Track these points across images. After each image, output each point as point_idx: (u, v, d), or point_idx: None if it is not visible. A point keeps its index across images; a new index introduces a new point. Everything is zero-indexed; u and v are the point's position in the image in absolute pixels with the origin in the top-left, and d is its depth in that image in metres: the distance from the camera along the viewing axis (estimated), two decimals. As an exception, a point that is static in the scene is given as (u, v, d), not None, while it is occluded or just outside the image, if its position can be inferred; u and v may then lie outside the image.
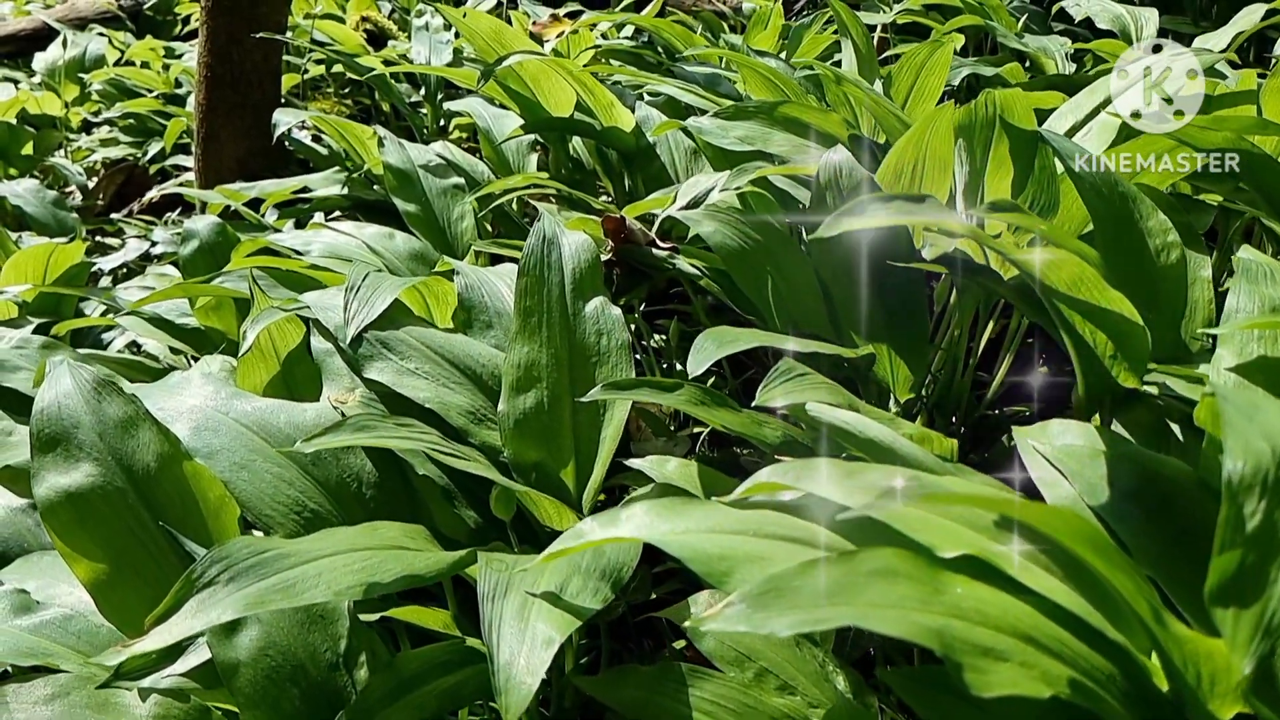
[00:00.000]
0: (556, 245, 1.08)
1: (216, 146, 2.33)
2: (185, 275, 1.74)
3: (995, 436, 1.42)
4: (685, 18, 2.91)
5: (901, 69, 1.59)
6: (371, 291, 1.11)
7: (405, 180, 1.62)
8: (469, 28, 1.70)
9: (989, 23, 2.18)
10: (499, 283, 1.23)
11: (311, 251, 1.54)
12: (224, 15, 2.25)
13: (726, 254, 1.04)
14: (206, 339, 1.75)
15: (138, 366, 1.77)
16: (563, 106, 1.77)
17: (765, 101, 1.30)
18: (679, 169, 1.70)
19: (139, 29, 5.01)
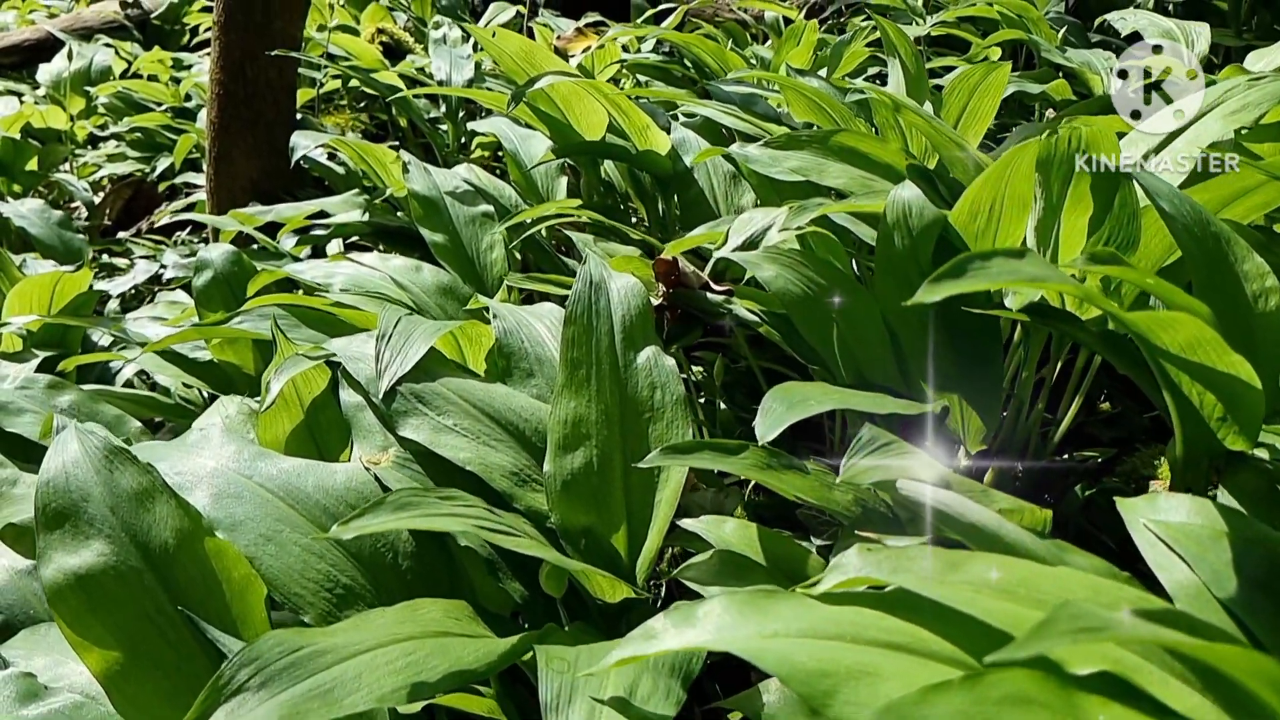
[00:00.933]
0: (605, 291, 1.01)
1: (229, 166, 2.28)
2: (199, 307, 1.69)
3: (1064, 483, 1.35)
4: (712, 30, 2.86)
5: (953, 90, 1.53)
6: (404, 340, 1.05)
7: (431, 209, 1.56)
8: (497, 48, 1.65)
9: (1032, 37, 2.12)
10: (538, 324, 1.16)
11: (334, 285, 1.49)
12: (237, 31, 2.20)
13: (789, 301, 0.97)
14: (221, 373, 1.70)
15: (148, 403, 1.72)
16: (594, 129, 1.71)
17: (819, 130, 1.23)
18: (718, 194, 1.64)
19: (146, 39, 4.99)
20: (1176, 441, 0.95)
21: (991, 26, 2.68)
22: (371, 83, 2.25)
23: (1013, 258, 0.74)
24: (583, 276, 1.01)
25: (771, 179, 1.35)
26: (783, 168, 1.20)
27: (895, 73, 1.59)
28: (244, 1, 2.19)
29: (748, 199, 1.63)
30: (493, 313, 1.13)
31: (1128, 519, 0.80)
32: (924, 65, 1.57)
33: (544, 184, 1.79)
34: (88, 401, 1.51)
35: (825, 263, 1.02)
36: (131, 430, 1.50)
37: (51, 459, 0.84)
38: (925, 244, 1.01)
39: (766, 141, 1.23)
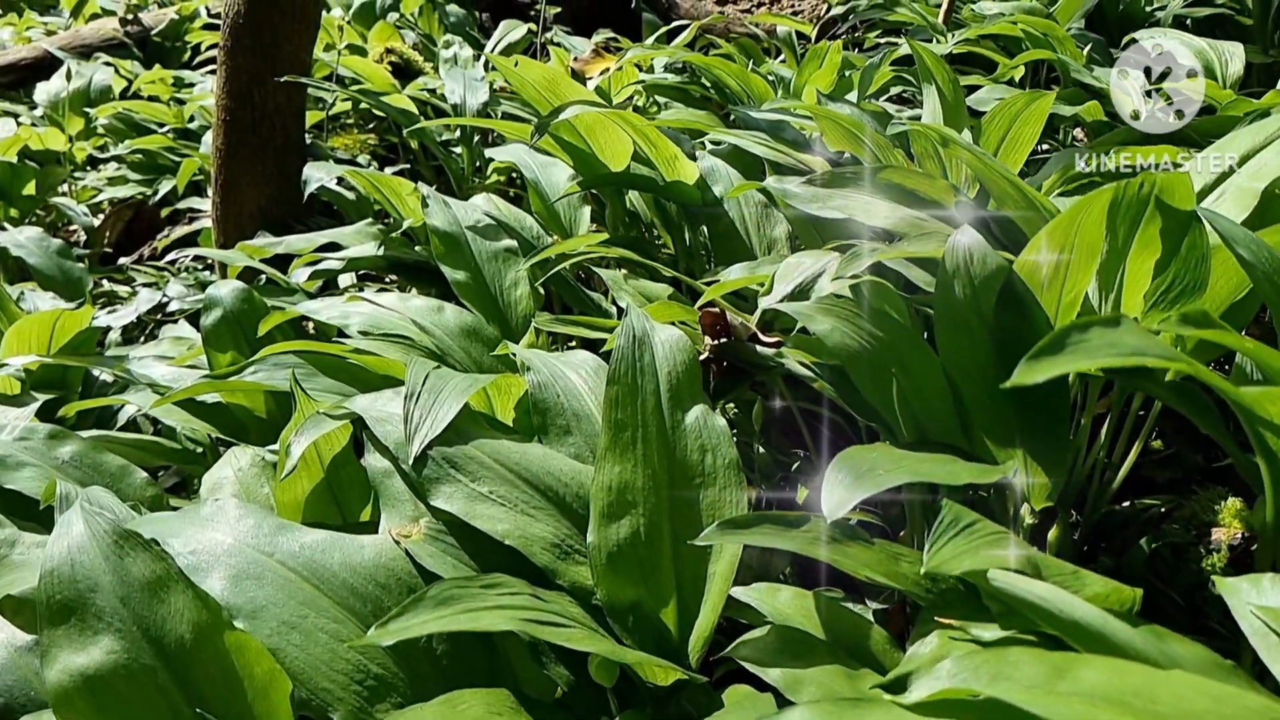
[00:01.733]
0: (648, 345, 0.96)
1: (236, 194, 2.23)
2: (208, 348, 1.64)
3: (1124, 532, 1.29)
4: (730, 49, 2.82)
5: (994, 118, 1.48)
6: (434, 399, 0.99)
7: (453, 245, 1.51)
8: (519, 77, 1.60)
9: (1060, 57, 2.07)
10: (572, 375, 1.11)
11: (351, 326, 1.43)
12: (245, 55, 2.16)
13: (848, 356, 0.92)
14: (230, 416, 1.64)
15: (154, 449, 1.67)
16: (619, 158, 1.67)
17: (864, 167, 1.18)
18: (750, 226, 1.59)
19: (147, 57, 4.96)
20: (1267, 507, 0.90)
21: (1014, 44, 2.64)
22: (384, 107, 2.21)
23: (1109, 327, 0.69)
24: (625, 330, 0.96)
25: (812, 216, 1.31)
26: (827, 206, 1.15)
27: (931, 99, 1.54)
28: (251, 24, 2.14)
29: (780, 230, 1.58)
30: (523, 362, 1.08)
31: (1232, 604, 0.74)
32: (961, 92, 1.52)
33: (566, 214, 1.74)
34: (90, 452, 1.45)
35: (882, 314, 0.97)
36: (137, 482, 1.45)
37: (55, 544, 0.79)
38: (988, 293, 0.95)
39: (809, 178, 1.18)
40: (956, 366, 0.97)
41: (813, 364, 1.00)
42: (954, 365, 0.97)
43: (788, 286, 1.02)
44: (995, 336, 0.96)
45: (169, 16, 5.11)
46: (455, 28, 3.79)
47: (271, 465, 1.34)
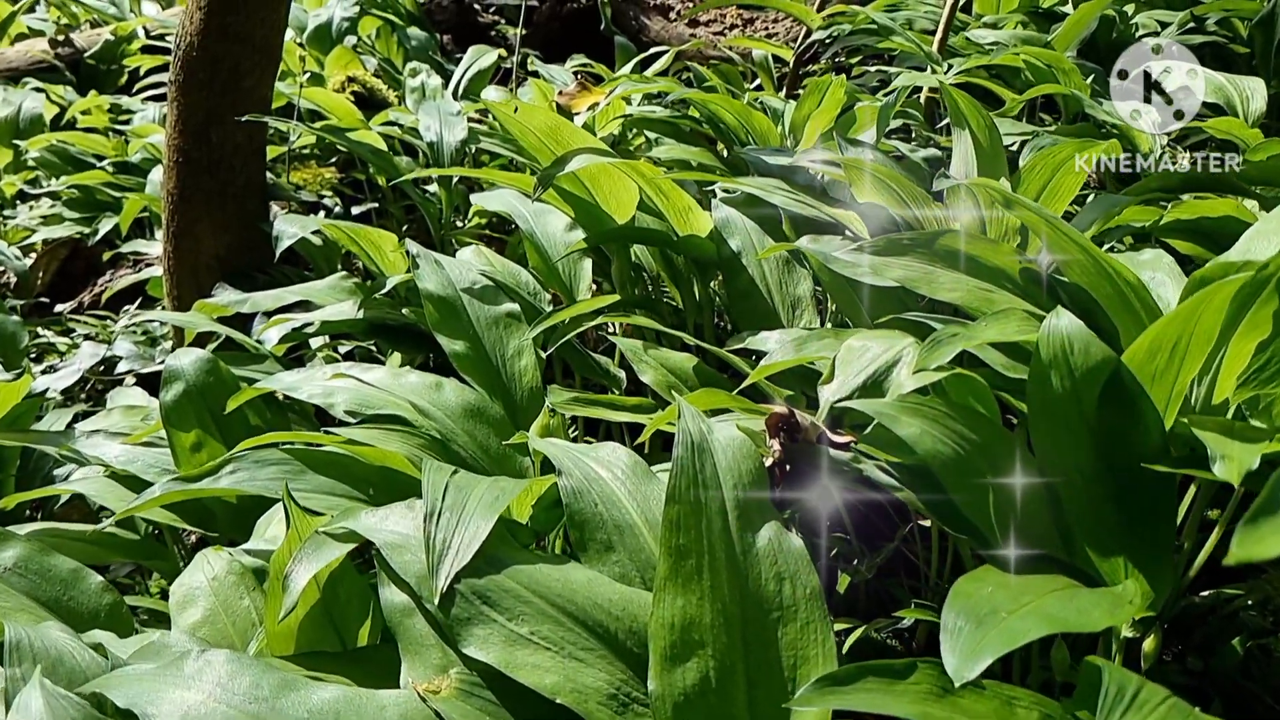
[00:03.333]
0: (709, 453, 0.85)
1: (191, 242, 2.08)
2: (170, 427, 1.48)
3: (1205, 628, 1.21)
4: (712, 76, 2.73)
5: (1035, 167, 1.41)
6: (457, 517, 0.87)
7: (448, 310, 1.39)
8: (520, 125, 1.49)
9: (1074, 92, 2.03)
10: (604, 473, 0.99)
11: (335, 407, 1.30)
12: (199, 91, 2.01)
13: (942, 465, 0.82)
14: (195, 502, 1.49)
15: (110, 543, 1.51)
16: (624, 208, 1.56)
17: (922, 233, 1.09)
18: (771, 283, 1.49)
19: (80, 81, 4.72)
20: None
21: (1010, 73, 2.61)
22: (353, 146, 2.07)
23: None
24: (681, 439, 0.85)
25: (849, 279, 1.21)
26: (885, 277, 1.06)
27: (963, 145, 1.47)
28: (207, 57, 2.00)
29: (804, 288, 1.49)
30: (543, 458, 0.96)
31: None
32: (999, 138, 1.45)
33: (566, 269, 1.62)
34: (37, 555, 1.29)
35: (970, 411, 0.87)
36: (92, 589, 1.29)
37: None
38: (1090, 387, 0.87)
39: (861, 246, 1.08)
40: (1055, 468, 0.88)
41: (890, 464, 0.90)
42: (1052, 467, 0.88)
43: (857, 378, 0.93)
44: (1097, 435, 0.87)
45: (103, 37, 4.88)
46: (417, 52, 3.66)
47: (251, 571, 1.19)
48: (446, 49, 4.18)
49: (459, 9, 4.49)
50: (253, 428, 1.53)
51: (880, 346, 0.95)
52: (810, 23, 3.29)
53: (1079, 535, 0.89)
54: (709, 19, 4.26)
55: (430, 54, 3.69)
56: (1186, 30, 2.60)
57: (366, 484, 1.16)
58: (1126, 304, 1.06)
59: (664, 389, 1.26)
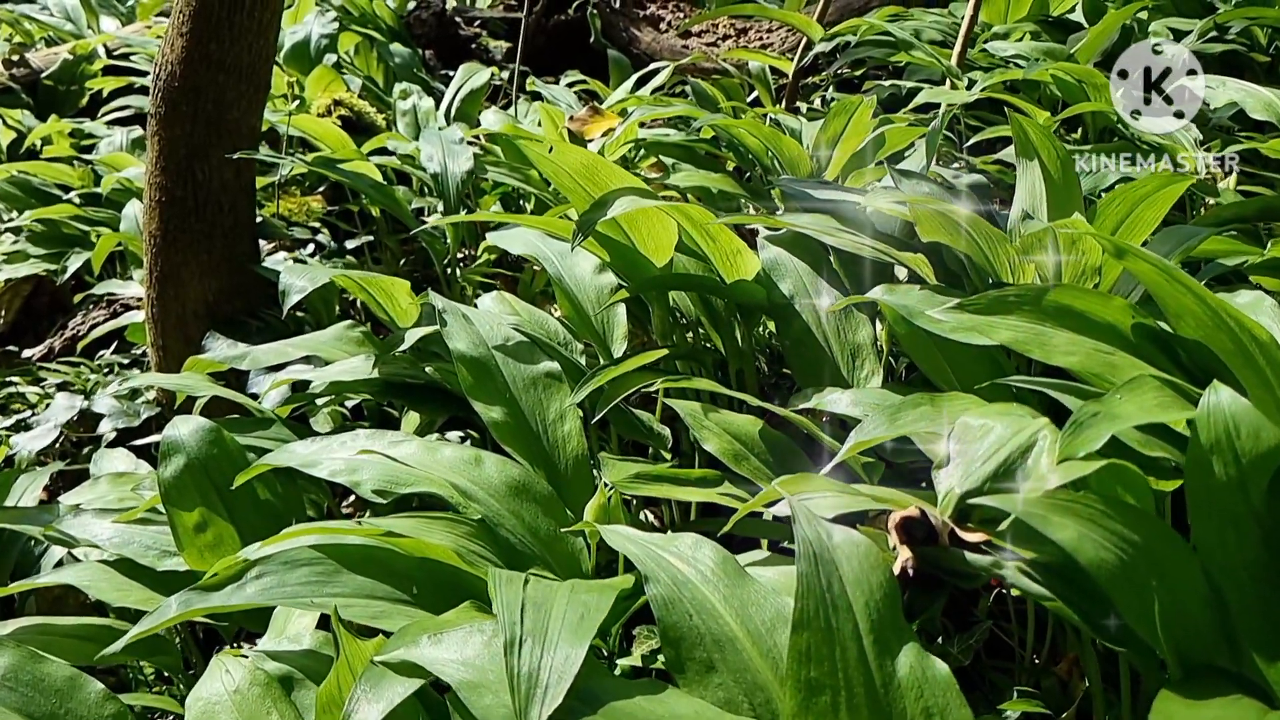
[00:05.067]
0: (834, 567, 0.75)
1: (177, 288, 1.94)
2: (169, 505, 1.35)
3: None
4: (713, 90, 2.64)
5: (1113, 201, 1.33)
6: (540, 644, 0.76)
7: (482, 373, 1.27)
8: (554, 164, 1.38)
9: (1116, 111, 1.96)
10: (687, 570, 0.89)
11: (362, 486, 1.18)
12: (183, 124, 1.88)
13: (1106, 574, 0.72)
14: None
15: (108, 638, 1.36)
16: (662, 250, 1.46)
17: (1029, 287, 1.00)
18: (828, 330, 1.39)
19: (37, 103, 4.53)
20: None
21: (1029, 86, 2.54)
22: (351, 179, 1.94)
23: None
24: (802, 550, 0.74)
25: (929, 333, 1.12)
26: (991, 338, 0.96)
27: (1032, 177, 1.38)
28: (190, 88, 1.87)
29: (864, 335, 1.39)
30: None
31: None
32: (1074, 168, 1.37)
33: (599, 316, 1.51)
34: (29, 664, 1.15)
35: (1125, 506, 0.78)
36: (91, 700, 1.16)
37: None
38: (1259, 475, 0.78)
39: (961, 303, 0.99)
40: (1218, 566, 0.79)
41: (1033, 566, 0.81)
42: (1215, 564, 0.79)
43: (984, 465, 0.83)
44: (1267, 529, 0.77)
45: (61, 57, 4.70)
46: (401, 70, 3.53)
47: (277, 680, 1.07)
48: (430, 64, 4.05)
49: (439, 22, 4.36)
50: (263, 503, 1.41)
51: (1006, 427, 0.85)
52: (811, 34, 3.21)
53: (1245, 641, 0.79)
54: (701, 30, 4.17)
55: (415, 71, 3.57)
56: (1208, 39, 2.55)
57: (408, 581, 1.04)
58: (1250, 361, 0.97)
59: (730, 458, 1.16)
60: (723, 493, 1.12)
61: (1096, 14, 2.90)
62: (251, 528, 1.39)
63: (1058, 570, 0.79)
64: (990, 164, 2.06)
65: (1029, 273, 1.28)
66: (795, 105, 3.26)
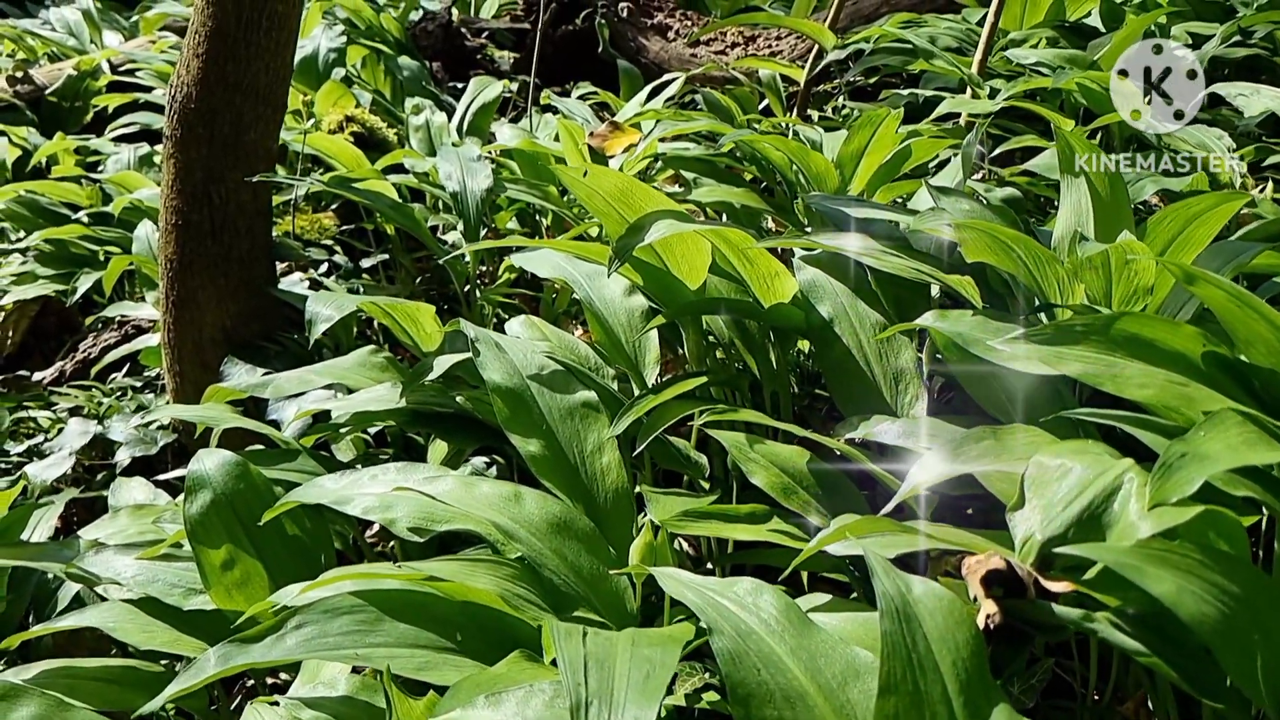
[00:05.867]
0: (917, 623, 0.71)
1: (193, 313, 1.90)
2: (195, 542, 1.31)
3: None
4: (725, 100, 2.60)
5: (1164, 219, 1.29)
6: (609, 709, 0.72)
7: (518, 405, 1.23)
8: (588, 188, 1.34)
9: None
10: (749, 619, 0.85)
11: (397, 524, 1.14)
12: (199, 147, 1.84)
13: (1211, 630, 0.68)
14: (225, 626, 1.32)
15: (133, 679, 1.33)
16: (696, 272, 1.42)
17: (1096, 315, 0.96)
18: (869, 354, 1.35)
19: (41, 120, 4.50)
20: None
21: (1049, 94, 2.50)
22: (371, 199, 1.90)
23: None
24: (885, 606, 0.70)
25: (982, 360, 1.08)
26: (1059, 369, 0.92)
27: (1077, 195, 1.34)
28: (206, 110, 1.83)
29: (906, 359, 1.35)
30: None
31: None
32: (1124, 186, 1.33)
33: (629, 340, 1.48)
34: (55, 713, 1.12)
35: (1221, 555, 0.74)
36: (121, 754, 1.12)
37: None
38: (1360, 518, 0.73)
39: (1027, 333, 0.95)
40: (1317, 615, 0.74)
41: (1120, 616, 0.76)
42: (1313, 613, 0.75)
43: (1065, 510, 0.79)
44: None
45: (65, 73, 4.66)
46: (410, 83, 3.49)
47: (314, 733, 1.03)
48: (437, 77, 4.02)
49: (445, 34, 4.33)
50: (290, 539, 1.37)
51: (1086, 469, 0.81)
52: (824, 42, 3.17)
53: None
54: (709, 38, 4.14)
55: (424, 85, 3.53)
56: (1230, 43, 2.52)
57: (451, 627, 1.00)
58: (1327, 392, 0.93)
59: (778, 492, 1.12)
60: (773, 529, 1.08)
61: (1114, 19, 2.86)
62: (279, 564, 1.35)
63: (1150, 623, 0.75)
64: (1017, 175, 2.03)
65: (1078, 293, 1.24)
66: (807, 113, 3.22)
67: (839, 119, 3.27)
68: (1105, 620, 0.75)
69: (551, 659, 0.93)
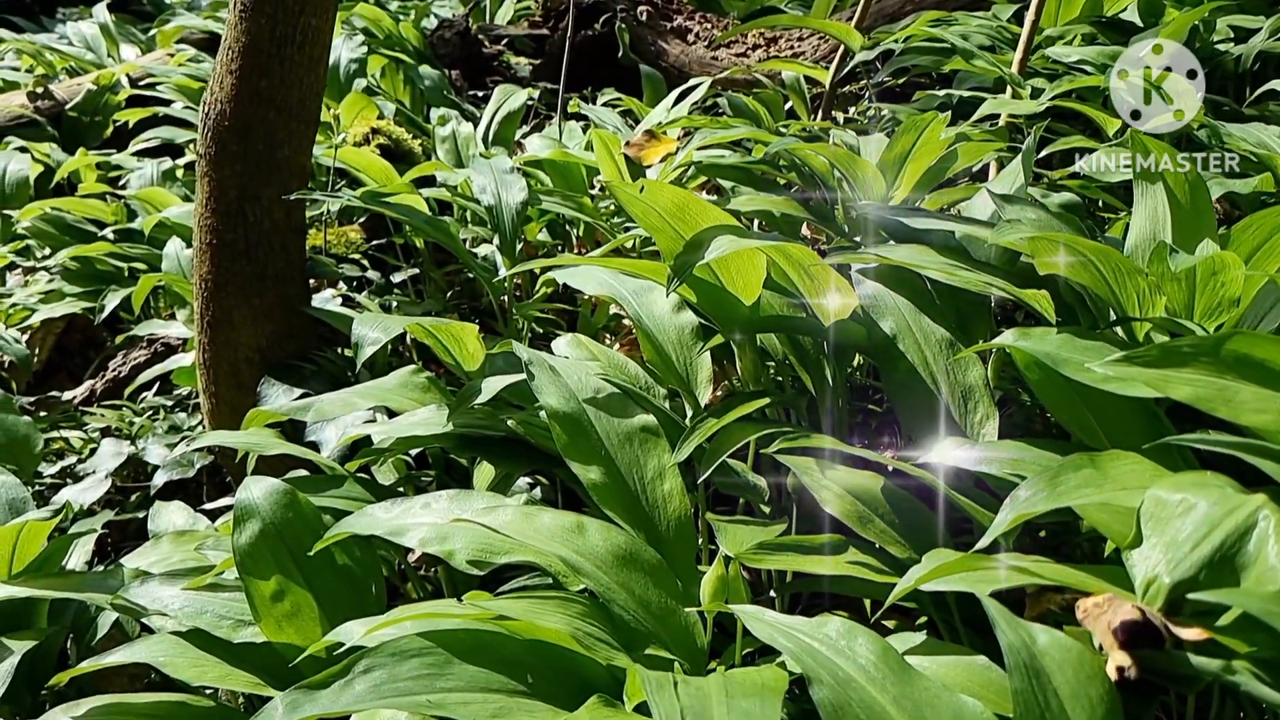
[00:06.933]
0: (1049, 680, 0.66)
1: (228, 333, 1.87)
2: (245, 574, 1.27)
3: None
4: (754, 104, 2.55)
5: (1249, 227, 1.24)
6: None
7: (576, 430, 1.19)
8: (644, 204, 1.29)
9: (1210, 121, 1.86)
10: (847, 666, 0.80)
11: (455, 556, 1.10)
12: (232, 164, 1.81)
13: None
14: (277, 659, 1.29)
15: (180, 713, 1.29)
16: (751, 287, 1.37)
17: (1204, 336, 0.91)
18: (935, 370, 1.30)
19: (62, 135, 4.50)
20: None
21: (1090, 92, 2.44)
22: (407, 216, 1.87)
23: None
24: (1014, 664, 0.65)
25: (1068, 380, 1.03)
26: (1169, 394, 0.87)
27: (1154, 202, 1.29)
28: (240, 126, 1.79)
29: (976, 375, 1.30)
30: (740, 629, 0.76)
31: None
32: (1207, 192, 1.27)
33: (680, 358, 1.43)
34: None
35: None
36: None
37: None
38: None
39: (1129, 355, 0.90)
40: None
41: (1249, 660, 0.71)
42: None
43: (1194, 551, 0.74)
44: None
45: (84, 88, 4.66)
46: (431, 93, 3.46)
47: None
48: (456, 85, 3.99)
49: (463, 41, 4.29)
50: (340, 569, 1.33)
51: (1212, 505, 0.76)
52: (850, 42, 3.12)
53: None
54: (730, 40, 4.09)
55: (445, 94, 3.50)
56: (1277, 36, 2.45)
57: (521, 669, 0.96)
58: None
59: (854, 520, 1.07)
60: (852, 561, 1.04)
61: (1152, 13, 2.80)
62: (329, 595, 1.32)
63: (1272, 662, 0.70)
64: (1067, 178, 1.97)
65: (1159, 306, 1.19)
66: (832, 116, 3.17)
67: (864, 120, 3.21)
68: (1247, 671, 0.70)
69: (635, 705, 0.89)
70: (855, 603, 1.31)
